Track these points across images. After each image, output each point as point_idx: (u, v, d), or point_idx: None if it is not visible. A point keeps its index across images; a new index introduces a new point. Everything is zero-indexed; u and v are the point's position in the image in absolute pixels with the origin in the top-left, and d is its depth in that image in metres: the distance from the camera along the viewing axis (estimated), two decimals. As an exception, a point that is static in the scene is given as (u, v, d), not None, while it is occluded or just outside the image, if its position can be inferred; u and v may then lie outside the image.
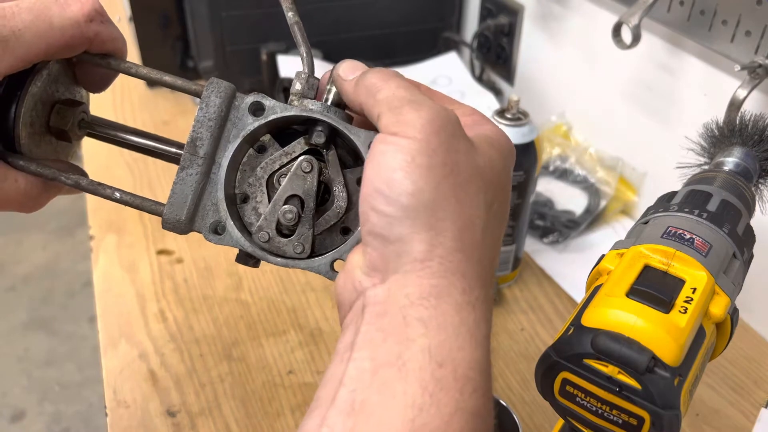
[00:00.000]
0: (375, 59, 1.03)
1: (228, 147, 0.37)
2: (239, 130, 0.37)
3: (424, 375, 0.28)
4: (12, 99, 0.36)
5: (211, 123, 0.37)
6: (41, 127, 0.39)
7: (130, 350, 0.66)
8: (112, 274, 0.75)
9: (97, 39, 0.37)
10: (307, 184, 0.37)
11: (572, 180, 0.89)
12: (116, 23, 0.39)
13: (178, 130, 1.01)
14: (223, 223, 0.37)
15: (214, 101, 0.37)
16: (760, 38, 0.60)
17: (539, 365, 0.38)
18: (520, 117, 0.65)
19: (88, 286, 2.08)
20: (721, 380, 0.65)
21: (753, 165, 0.49)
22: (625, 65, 0.80)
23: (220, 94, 0.37)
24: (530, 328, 0.70)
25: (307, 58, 0.39)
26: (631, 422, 0.35)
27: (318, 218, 0.37)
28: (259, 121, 0.37)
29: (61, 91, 0.40)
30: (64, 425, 1.71)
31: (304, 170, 0.37)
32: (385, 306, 0.30)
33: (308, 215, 0.37)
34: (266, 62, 0.94)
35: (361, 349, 0.29)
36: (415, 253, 0.30)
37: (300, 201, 0.37)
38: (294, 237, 0.37)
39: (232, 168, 0.38)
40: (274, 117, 0.37)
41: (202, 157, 0.37)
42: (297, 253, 0.37)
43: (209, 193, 0.37)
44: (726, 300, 0.39)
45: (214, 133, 0.37)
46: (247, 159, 0.38)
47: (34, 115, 0.38)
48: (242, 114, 0.37)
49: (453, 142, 0.31)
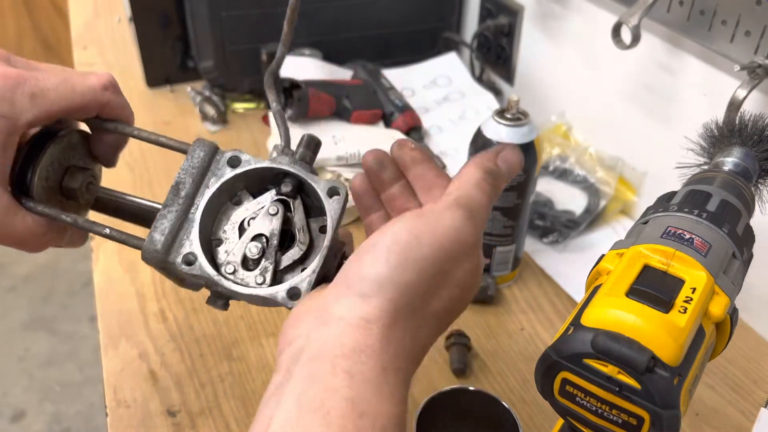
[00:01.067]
0: (375, 59, 1.04)
1: (206, 192, 0.42)
2: (218, 178, 0.43)
3: (346, 423, 0.30)
4: (34, 153, 0.43)
5: (194, 171, 0.42)
6: (55, 183, 0.45)
7: (131, 350, 0.66)
8: (113, 273, 0.75)
9: (109, 106, 0.44)
10: (272, 224, 0.42)
11: (572, 180, 0.89)
12: (116, 23, 0.42)
13: (179, 130, 1.01)
14: (194, 255, 0.41)
15: (199, 154, 0.43)
16: (760, 38, 0.60)
17: (539, 365, 0.38)
18: (519, 117, 0.65)
19: (88, 285, 2.09)
20: (721, 380, 0.65)
21: (752, 165, 0.49)
22: (625, 65, 0.80)
23: (204, 149, 0.43)
24: (530, 328, 0.70)
25: (284, 136, 0.46)
26: (631, 422, 0.35)
27: (281, 256, 0.42)
28: (235, 171, 0.43)
29: (77, 159, 0.47)
30: (65, 425, 1.71)
31: (270, 213, 0.42)
32: (320, 350, 0.32)
33: (271, 251, 0.42)
34: (266, 62, 0.94)
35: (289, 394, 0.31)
36: (366, 313, 0.33)
37: (266, 239, 0.42)
38: (257, 270, 0.42)
39: (209, 213, 0.42)
40: (248, 168, 0.43)
41: (182, 197, 0.42)
42: (258, 283, 0.41)
43: (186, 230, 0.42)
44: (725, 300, 0.39)
45: (196, 180, 0.42)
46: (224, 210, 0.44)
47: (50, 170, 0.44)
48: (222, 165, 0.43)
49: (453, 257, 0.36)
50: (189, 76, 1.11)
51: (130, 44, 1.23)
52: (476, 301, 0.73)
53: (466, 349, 0.66)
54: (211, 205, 0.42)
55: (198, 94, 1.06)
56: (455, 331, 0.66)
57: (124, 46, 1.24)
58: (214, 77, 1.02)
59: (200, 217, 0.42)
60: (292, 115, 0.87)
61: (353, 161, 0.80)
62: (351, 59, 1.04)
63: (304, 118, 0.87)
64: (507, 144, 0.43)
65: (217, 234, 0.43)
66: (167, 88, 1.11)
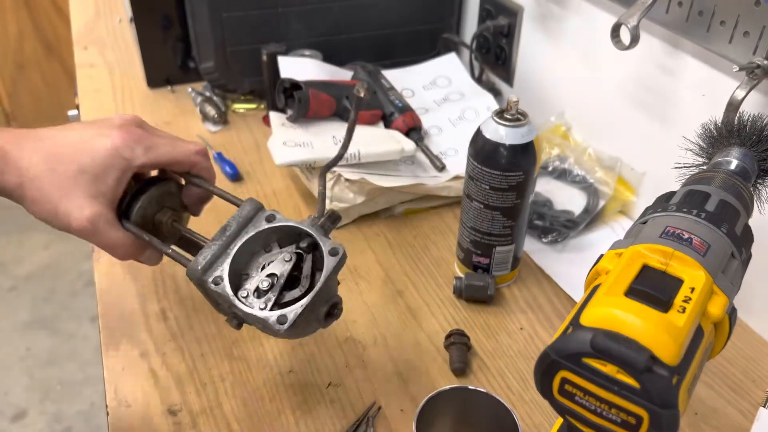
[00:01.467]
0: (375, 60, 1.04)
1: (245, 236, 0.54)
2: (255, 228, 0.55)
3: None
4: (140, 190, 0.58)
5: (240, 219, 0.55)
6: (149, 215, 0.59)
7: (132, 349, 0.66)
8: (114, 273, 0.75)
9: (197, 166, 0.58)
10: (284, 268, 0.53)
11: (571, 180, 0.89)
12: (117, 24, 0.47)
13: (179, 131, 1.01)
14: (221, 278, 0.53)
15: (246, 207, 0.56)
16: (759, 39, 0.61)
17: (538, 364, 0.38)
18: (519, 117, 0.66)
19: (89, 285, 2.09)
20: (720, 379, 0.65)
21: (751, 165, 0.49)
22: (624, 66, 0.81)
23: (251, 205, 0.56)
24: (529, 328, 0.71)
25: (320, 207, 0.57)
26: (630, 421, 0.35)
27: (286, 293, 0.53)
28: (268, 225, 0.55)
29: (170, 202, 0.61)
30: (66, 424, 1.71)
31: (285, 259, 0.54)
32: None
33: (277, 287, 0.52)
34: (267, 63, 0.94)
35: None
36: None
37: (276, 278, 0.53)
38: (263, 298, 0.52)
39: (244, 252, 0.54)
40: (278, 224, 0.55)
41: (226, 236, 0.54)
42: (260, 308, 0.52)
43: (222, 260, 0.53)
44: (724, 299, 0.39)
45: (240, 226, 0.55)
46: (258, 253, 0.55)
47: (147, 205, 0.58)
48: (260, 220, 0.55)
49: None
50: (190, 76, 1.11)
51: (131, 45, 1.23)
52: (476, 301, 0.73)
53: (466, 348, 0.66)
54: (246, 247, 0.54)
55: (198, 95, 1.06)
56: (455, 331, 0.67)
57: (124, 47, 1.24)
58: (214, 78, 1.02)
59: (234, 252, 0.53)
60: (293, 116, 0.87)
61: (353, 161, 0.81)
62: (351, 60, 1.04)
63: (304, 118, 0.87)
64: None
65: (247, 270, 0.55)
66: (168, 89, 1.12)
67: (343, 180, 0.80)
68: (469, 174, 0.69)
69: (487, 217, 0.69)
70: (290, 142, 0.82)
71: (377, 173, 0.82)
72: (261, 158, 0.96)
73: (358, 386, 0.63)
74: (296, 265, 0.54)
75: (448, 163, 0.88)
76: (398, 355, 0.67)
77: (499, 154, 0.65)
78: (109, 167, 0.52)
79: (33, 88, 2.50)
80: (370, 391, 0.63)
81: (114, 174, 0.53)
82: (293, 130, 0.86)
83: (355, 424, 0.60)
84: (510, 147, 0.65)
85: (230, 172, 0.92)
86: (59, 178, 0.51)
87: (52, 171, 0.51)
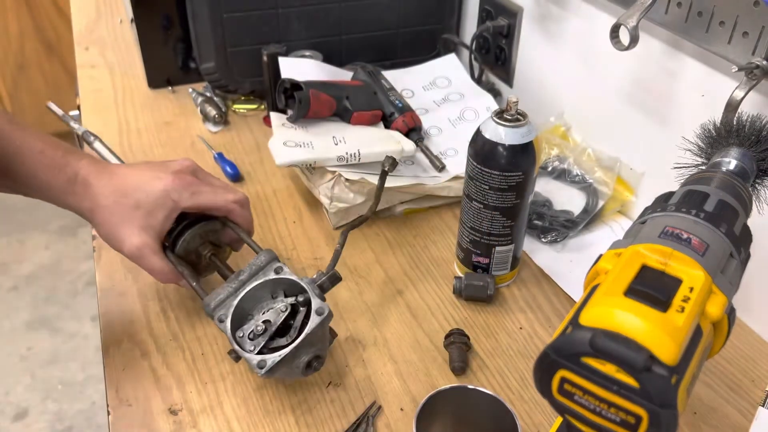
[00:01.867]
0: (375, 60, 1.04)
1: (254, 282, 0.61)
2: (264, 277, 0.62)
3: None
4: (188, 226, 0.66)
5: (254, 267, 0.62)
6: (193, 248, 0.67)
7: (133, 349, 0.67)
8: (115, 273, 0.75)
9: (233, 213, 0.67)
10: (278, 317, 0.59)
11: (570, 180, 0.89)
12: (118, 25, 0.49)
13: (180, 131, 1.02)
14: (225, 317, 0.59)
15: (261, 257, 0.63)
16: (758, 39, 0.61)
17: (538, 364, 0.38)
18: (518, 118, 0.66)
19: (90, 285, 2.09)
20: (719, 379, 0.65)
21: (750, 165, 0.49)
22: (623, 66, 0.81)
23: (266, 256, 0.63)
24: (529, 327, 0.71)
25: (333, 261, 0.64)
26: (629, 420, 0.36)
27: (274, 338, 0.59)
28: (273, 276, 0.61)
29: (213, 238, 0.69)
30: (67, 424, 1.72)
31: (281, 309, 0.59)
32: None
33: (267, 334, 0.58)
34: (267, 63, 0.94)
35: None
36: None
37: (270, 324, 0.59)
38: (254, 341, 0.58)
39: (251, 296, 0.61)
40: (282, 276, 0.61)
41: (239, 281, 0.61)
42: (249, 350, 0.58)
43: (230, 301, 0.60)
44: (723, 299, 0.39)
45: (252, 273, 0.62)
46: (265, 299, 0.62)
47: (191, 240, 0.67)
48: (270, 271, 0.62)
49: None
50: (190, 77, 1.11)
51: (132, 45, 1.23)
52: (476, 301, 0.73)
53: (466, 347, 0.66)
54: (254, 292, 0.61)
55: (199, 95, 1.06)
56: (455, 330, 0.67)
57: (125, 48, 1.24)
58: (215, 78, 1.03)
59: (241, 296, 0.60)
60: (293, 116, 0.87)
61: (353, 161, 0.81)
62: (351, 60, 1.04)
63: (304, 118, 0.87)
64: None
65: (252, 312, 0.61)
66: (168, 89, 1.12)
67: (343, 180, 0.80)
68: (468, 174, 0.69)
69: (487, 217, 0.69)
70: (290, 142, 0.82)
71: (377, 173, 0.82)
72: (261, 158, 0.96)
73: (358, 386, 0.64)
74: (292, 315, 0.60)
75: (448, 163, 0.88)
76: (398, 354, 0.67)
77: (498, 155, 0.66)
78: (159, 206, 0.62)
79: (34, 88, 2.50)
80: (370, 391, 0.63)
81: (163, 212, 0.63)
82: (293, 130, 0.86)
83: (355, 424, 0.60)
84: (509, 147, 0.65)
85: (231, 173, 0.92)
86: (120, 209, 0.62)
87: (116, 203, 0.62)
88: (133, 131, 1.01)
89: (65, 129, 0.86)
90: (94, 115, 1.05)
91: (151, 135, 1.01)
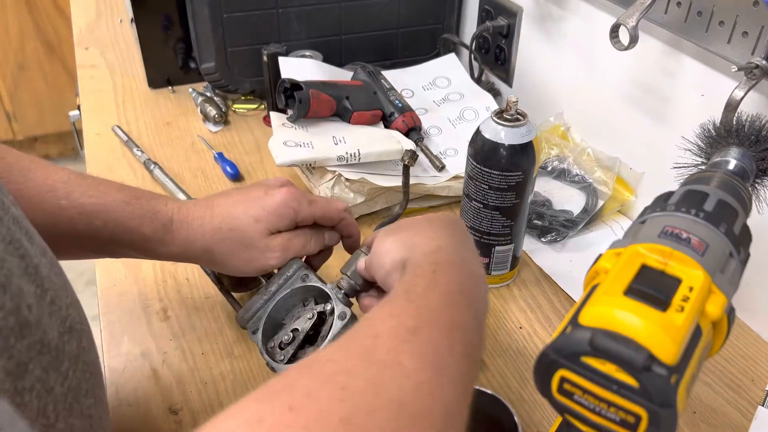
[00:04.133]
0: (375, 60, 1.04)
1: (282, 292, 0.61)
2: (291, 286, 0.61)
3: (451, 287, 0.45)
4: None
5: (282, 278, 0.61)
6: None
7: (133, 349, 0.67)
8: (115, 272, 0.75)
9: (346, 220, 0.65)
10: (305, 325, 0.58)
11: (570, 180, 0.89)
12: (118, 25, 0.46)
13: (180, 130, 1.02)
14: (258, 328, 0.59)
15: (290, 266, 0.61)
16: (757, 39, 0.61)
17: (537, 363, 0.38)
18: (518, 118, 0.66)
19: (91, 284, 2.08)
20: (719, 378, 0.65)
21: (750, 165, 0.49)
22: (623, 66, 0.81)
23: (294, 265, 0.61)
24: (528, 327, 0.71)
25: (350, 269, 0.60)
26: (629, 420, 0.36)
27: (303, 347, 0.58)
28: (299, 284, 0.61)
29: None
30: (66, 425, 1.71)
31: (308, 318, 0.59)
32: None
33: (296, 342, 0.57)
34: (267, 63, 0.94)
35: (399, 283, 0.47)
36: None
37: (298, 333, 0.58)
38: (283, 351, 0.58)
39: (281, 305, 0.60)
40: (308, 284, 0.61)
41: (269, 292, 0.61)
42: (278, 360, 0.57)
43: (262, 312, 0.60)
44: (723, 299, 0.39)
45: (280, 284, 0.61)
46: (297, 306, 0.61)
47: None
48: (297, 279, 0.61)
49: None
50: (190, 77, 1.11)
51: (132, 45, 1.23)
52: (476, 301, 0.73)
53: (466, 348, 0.66)
54: (284, 302, 0.60)
55: (199, 95, 1.06)
56: (455, 330, 0.67)
57: (125, 47, 1.25)
58: (215, 78, 1.03)
59: (271, 308, 0.60)
60: (293, 116, 0.87)
61: (353, 161, 0.81)
62: (351, 60, 1.04)
63: (304, 118, 0.87)
64: None
65: (286, 318, 0.61)
66: (169, 89, 1.12)
67: (343, 180, 0.80)
68: (468, 174, 0.69)
69: (487, 217, 0.69)
70: (291, 142, 0.82)
71: (377, 173, 0.82)
72: (262, 158, 0.96)
73: (359, 385, 0.64)
74: (322, 322, 0.59)
75: (448, 163, 0.88)
76: (398, 354, 0.67)
77: (498, 154, 0.66)
78: (279, 215, 0.61)
79: (34, 88, 2.50)
80: (370, 391, 0.63)
81: (284, 222, 0.61)
82: (294, 130, 0.86)
83: (355, 423, 0.60)
84: (509, 147, 0.65)
85: (231, 172, 0.92)
86: (238, 234, 0.60)
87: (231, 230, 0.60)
88: (133, 131, 1.01)
89: (65, 129, 0.86)
90: (95, 115, 1.05)
91: (152, 135, 1.01)
